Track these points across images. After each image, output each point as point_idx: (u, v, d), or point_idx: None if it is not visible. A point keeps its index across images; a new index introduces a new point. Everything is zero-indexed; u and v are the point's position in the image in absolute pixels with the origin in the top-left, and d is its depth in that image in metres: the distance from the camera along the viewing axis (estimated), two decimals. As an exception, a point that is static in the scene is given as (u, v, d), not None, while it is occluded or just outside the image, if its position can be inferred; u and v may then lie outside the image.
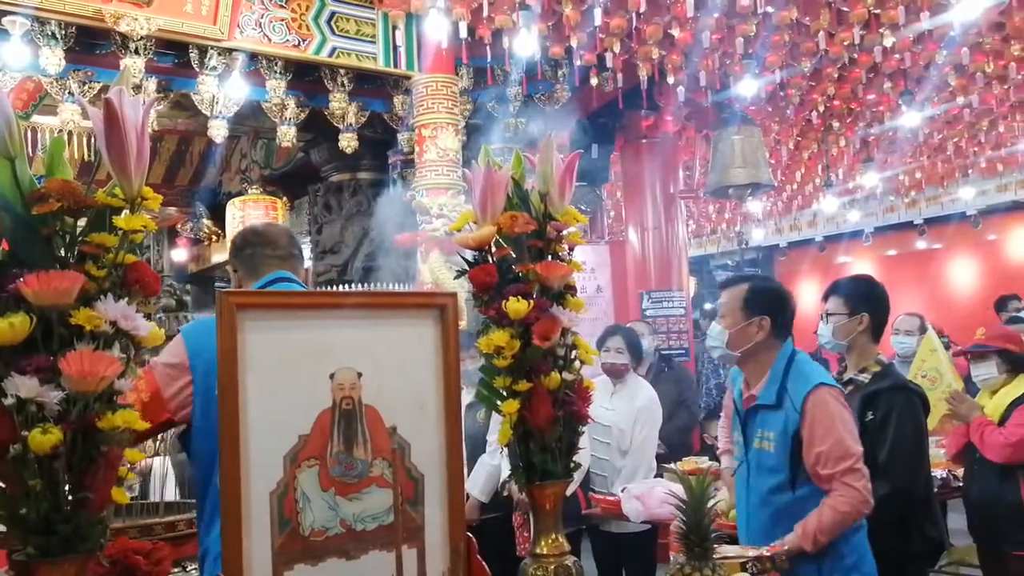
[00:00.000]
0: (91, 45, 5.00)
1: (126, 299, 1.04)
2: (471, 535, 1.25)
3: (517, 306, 1.32)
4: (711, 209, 12.40)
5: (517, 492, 3.68)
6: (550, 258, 1.43)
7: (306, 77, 5.64)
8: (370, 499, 1.15)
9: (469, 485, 3.85)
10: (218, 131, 5.56)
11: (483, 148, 1.49)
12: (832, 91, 7.01)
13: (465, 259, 1.43)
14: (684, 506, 1.80)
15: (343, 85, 5.61)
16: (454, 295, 1.28)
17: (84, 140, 6.59)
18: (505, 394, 1.35)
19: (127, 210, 1.07)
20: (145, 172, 1.09)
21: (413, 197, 5.73)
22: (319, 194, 8.08)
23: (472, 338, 1.70)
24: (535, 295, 1.38)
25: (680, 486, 1.91)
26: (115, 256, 1.04)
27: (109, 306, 1.01)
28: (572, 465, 1.40)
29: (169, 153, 9.47)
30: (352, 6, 5.53)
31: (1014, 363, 3.65)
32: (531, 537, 1.42)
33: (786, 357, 2.48)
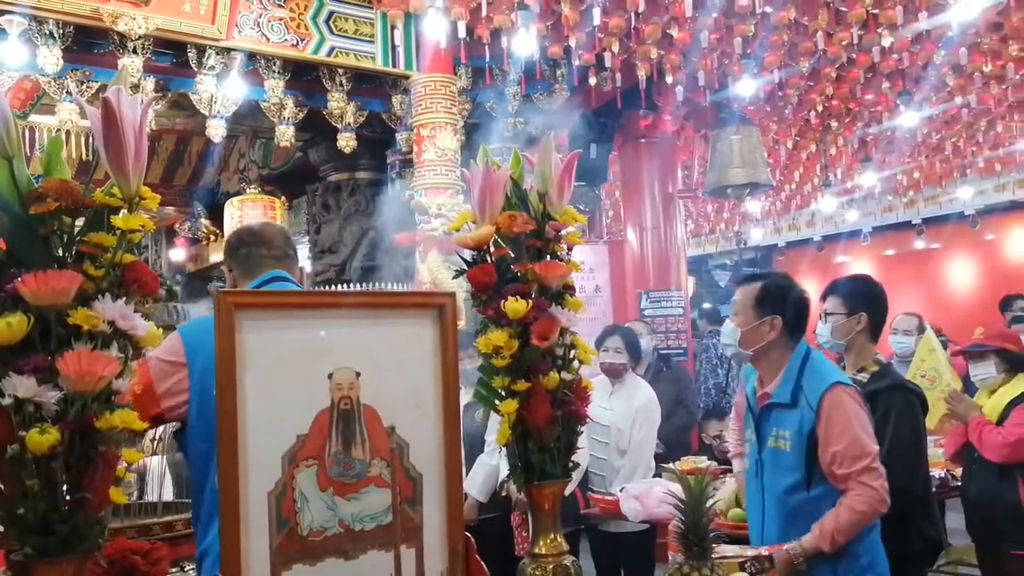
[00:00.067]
0: (89, 44, 5.00)
1: (124, 299, 1.04)
2: (469, 535, 1.25)
3: (516, 306, 1.32)
4: (710, 209, 12.41)
5: (515, 492, 3.68)
6: (549, 258, 1.42)
7: (304, 77, 5.64)
8: (368, 499, 1.15)
9: (467, 485, 3.84)
10: (216, 131, 5.56)
11: (482, 148, 1.49)
12: (830, 91, 7.01)
13: (464, 259, 1.42)
14: (682, 506, 1.80)
15: (341, 85, 5.61)
16: (452, 295, 1.27)
17: (82, 139, 6.59)
18: (504, 394, 1.35)
19: (125, 210, 1.07)
20: (143, 172, 1.09)
21: (412, 197, 5.73)
22: (317, 194, 8.08)
23: (471, 338, 1.70)
24: (534, 295, 1.38)
25: (678, 486, 1.91)
26: (113, 256, 1.04)
27: (107, 306, 1.01)
28: (570, 465, 1.40)
29: (167, 153, 9.47)
30: (351, 6, 5.53)
31: (1012, 363, 3.65)
32: (529, 537, 1.42)
33: (801, 355, 2.47)
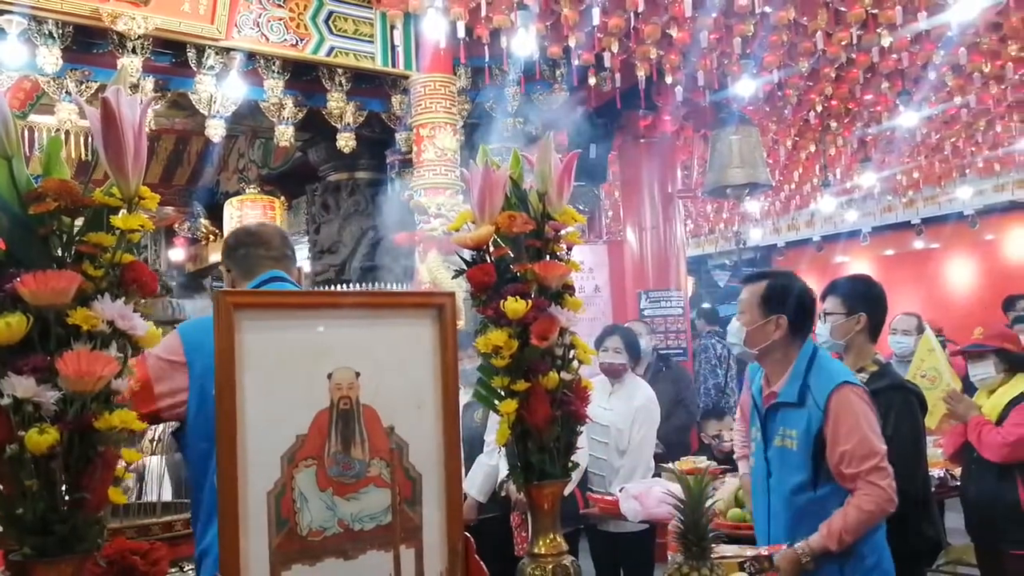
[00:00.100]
0: (88, 44, 5.00)
1: (123, 299, 1.03)
2: (469, 535, 1.25)
3: (515, 306, 1.32)
4: (709, 209, 12.41)
5: (515, 492, 3.68)
6: (548, 258, 1.42)
7: (304, 76, 5.64)
8: (368, 499, 1.15)
9: (467, 485, 3.84)
10: (216, 130, 5.56)
11: (481, 148, 1.49)
12: (830, 91, 7.02)
13: (463, 259, 1.42)
14: (682, 506, 1.80)
15: (341, 84, 5.61)
16: (452, 295, 1.27)
17: (81, 139, 6.59)
18: (503, 394, 1.35)
19: (124, 209, 1.06)
20: (142, 171, 1.09)
21: (411, 197, 5.72)
22: (317, 194, 8.08)
23: (470, 338, 1.69)
24: (533, 295, 1.38)
25: (678, 486, 1.91)
26: (112, 256, 1.04)
27: (106, 306, 1.00)
28: (570, 465, 1.40)
29: (167, 152, 9.47)
30: (350, 6, 5.53)
31: (1012, 363, 3.65)
32: (529, 537, 1.42)
33: (808, 354, 2.47)
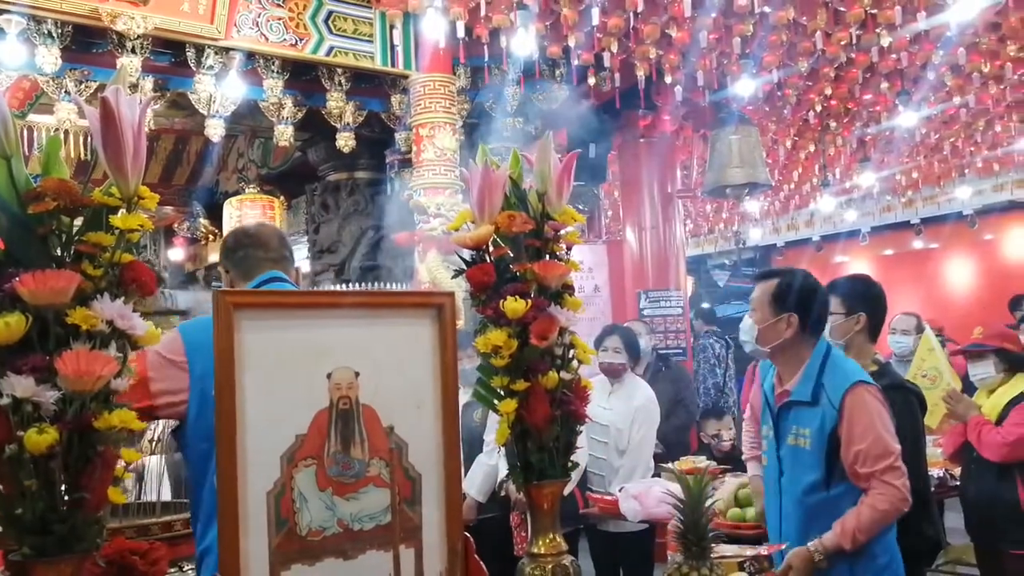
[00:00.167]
0: (87, 44, 5.00)
1: (123, 298, 1.03)
2: (468, 535, 1.25)
3: (515, 305, 1.32)
4: (708, 208, 12.41)
5: (515, 492, 3.68)
6: (548, 257, 1.42)
7: (303, 76, 5.63)
8: (367, 499, 1.15)
9: (466, 485, 3.84)
10: (215, 130, 5.56)
11: (480, 147, 1.49)
12: (829, 91, 7.02)
13: (463, 258, 1.42)
14: (682, 505, 1.80)
15: (340, 84, 5.61)
16: (451, 294, 1.27)
17: (80, 139, 6.59)
18: (503, 393, 1.35)
19: (124, 209, 1.06)
20: (142, 171, 1.09)
21: (411, 196, 5.72)
22: (316, 193, 8.08)
23: (469, 337, 1.69)
24: (533, 294, 1.38)
25: (677, 485, 1.91)
26: (112, 255, 1.04)
27: (105, 305, 1.00)
28: (569, 464, 1.40)
29: (166, 152, 9.46)
30: (349, 5, 5.53)
31: (1011, 362, 3.66)
32: (528, 537, 1.42)
33: (821, 353, 2.46)
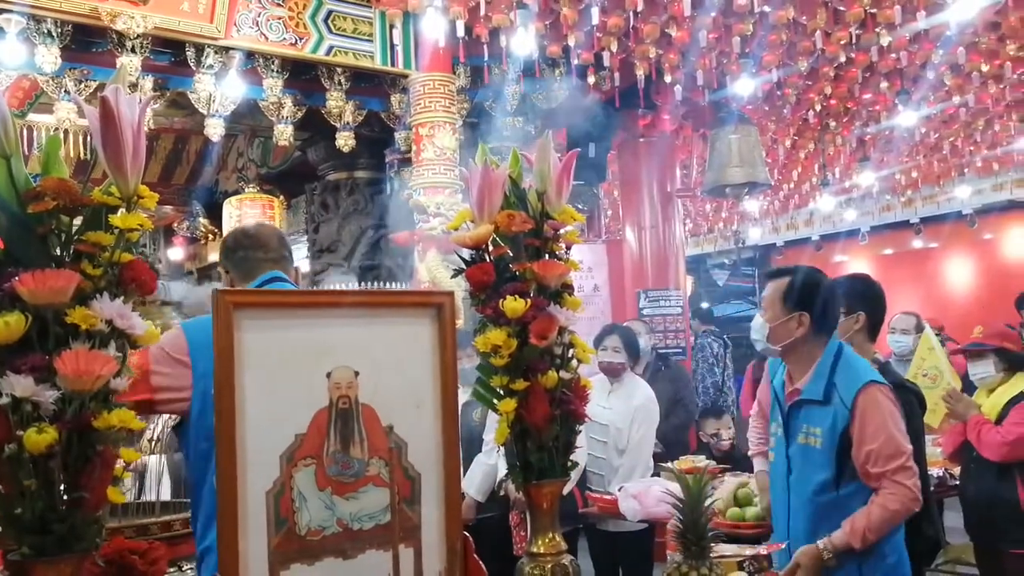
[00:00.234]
0: (87, 43, 4.99)
1: (122, 298, 1.03)
2: (468, 534, 1.25)
3: (514, 305, 1.32)
4: (708, 208, 12.41)
5: (514, 491, 3.68)
6: (547, 257, 1.42)
7: (303, 75, 5.63)
8: (367, 498, 1.15)
9: (465, 484, 3.84)
10: (215, 129, 5.55)
11: (480, 147, 1.49)
12: (829, 90, 7.02)
13: (462, 258, 1.42)
14: (681, 505, 1.80)
15: (340, 84, 5.60)
16: (451, 294, 1.27)
17: (80, 138, 6.59)
18: (502, 393, 1.35)
19: (123, 208, 1.06)
20: (141, 170, 1.09)
21: (410, 196, 5.72)
22: (316, 193, 8.08)
23: (469, 337, 1.69)
24: (532, 294, 1.38)
25: (677, 485, 1.91)
26: (111, 255, 1.04)
27: (105, 305, 1.00)
28: (569, 464, 1.40)
29: (165, 151, 9.45)
30: (349, 5, 5.52)
31: (1011, 362, 3.66)
32: (528, 536, 1.42)
33: (833, 352, 2.45)
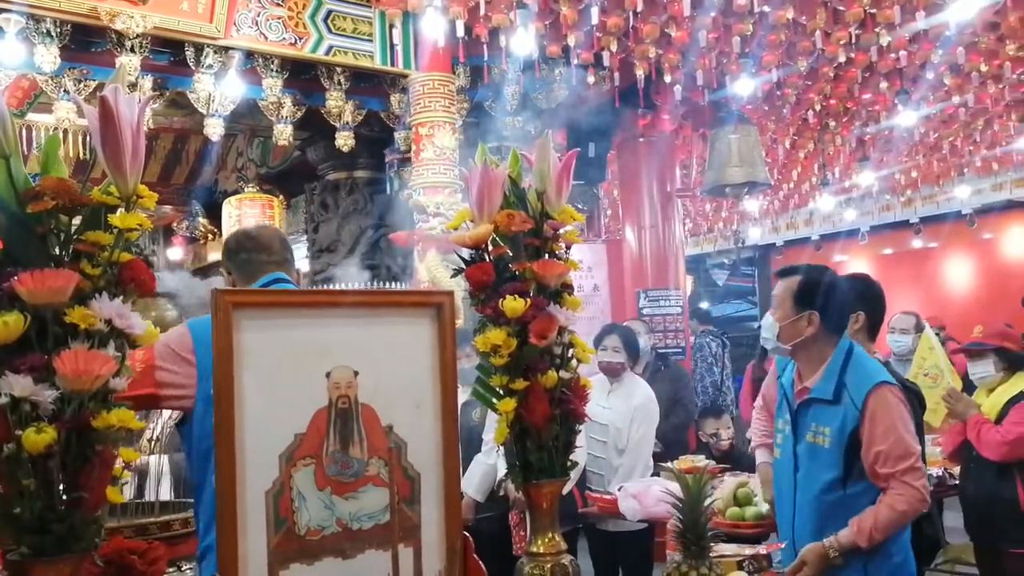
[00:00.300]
0: (86, 43, 4.99)
1: (121, 298, 1.03)
2: (467, 534, 1.25)
3: (514, 304, 1.32)
4: (708, 208, 12.41)
5: (513, 491, 3.68)
6: (547, 256, 1.42)
7: (303, 75, 5.63)
8: (366, 498, 1.15)
9: (465, 484, 3.84)
10: (214, 129, 5.55)
11: (480, 147, 1.49)
12: (828, 90, 7.02)
13: (462, 257, 1.42)
14: (681, 504, 1.80)
15: (340, 83, 5.60)
16: (451, 294, 1.27)
17: (79, 138, 6.58)
18: (502, 392, 1.35)
19: (122, 208, 1.06)
20: (141, 170, 1.09)
21: (410, 196, 5.72)
22: (316, 192, 8.08)
23: (469, 336, 1.69)
24: (532, 293, 1.38)
25: (677, 485, 1.91)
26: (110, 254, 1.04)
27: (104, 305, 1.00)
28: (568, 463, 1.40)
29: (165, 151, 9.45)
30: (349, 4, 5.52)
31: (1011, 361, 3.66)
32: (527, 536, 1.42)
33: (843, 352, 2.45)
